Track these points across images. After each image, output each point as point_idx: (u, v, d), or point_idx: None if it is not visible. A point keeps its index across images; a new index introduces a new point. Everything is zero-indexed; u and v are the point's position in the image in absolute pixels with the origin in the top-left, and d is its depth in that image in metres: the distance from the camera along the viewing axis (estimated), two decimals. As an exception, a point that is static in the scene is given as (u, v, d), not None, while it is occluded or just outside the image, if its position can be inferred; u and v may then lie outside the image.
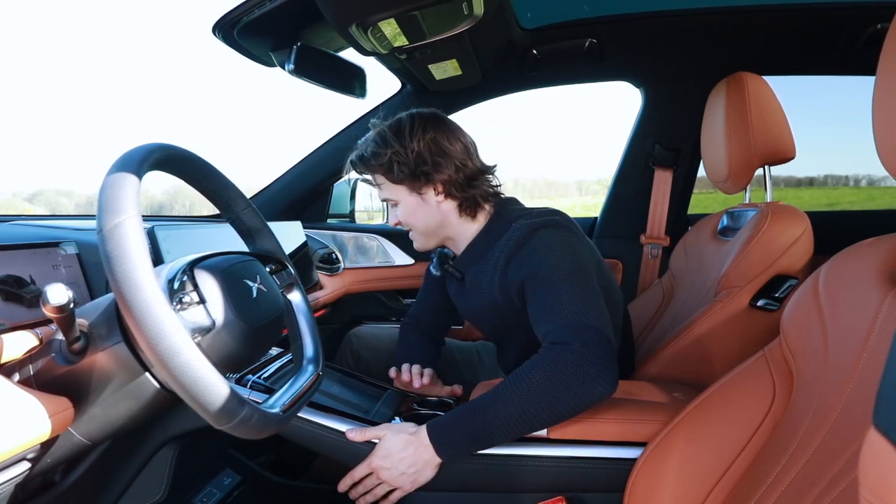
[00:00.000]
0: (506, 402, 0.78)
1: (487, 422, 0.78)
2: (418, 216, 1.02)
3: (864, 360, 0.56)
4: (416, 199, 1.00)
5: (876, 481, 0.30)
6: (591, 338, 0.79)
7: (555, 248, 0.90)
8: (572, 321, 0.82)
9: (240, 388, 0.86)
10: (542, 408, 0.77)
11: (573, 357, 0.78)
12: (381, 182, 1.02)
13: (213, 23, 1.07)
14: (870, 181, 3.58)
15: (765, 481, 0.62)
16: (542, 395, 0.77)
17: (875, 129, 0.55)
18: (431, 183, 0.98)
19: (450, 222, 1.03)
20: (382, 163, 0.98)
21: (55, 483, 0.71)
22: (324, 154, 1.63)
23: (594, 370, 0.77)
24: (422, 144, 0.96)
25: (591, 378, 0.77)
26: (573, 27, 1.33)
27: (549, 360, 0.79)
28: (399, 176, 0.98)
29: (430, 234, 1.04)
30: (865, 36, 1.28)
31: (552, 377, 0.77)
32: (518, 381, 0.78)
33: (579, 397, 0.77)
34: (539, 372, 0.78)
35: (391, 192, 1.02)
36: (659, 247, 1.57)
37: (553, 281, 0.87)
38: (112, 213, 0.46)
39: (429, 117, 1.00)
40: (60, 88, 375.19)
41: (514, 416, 0.77)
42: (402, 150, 0.96)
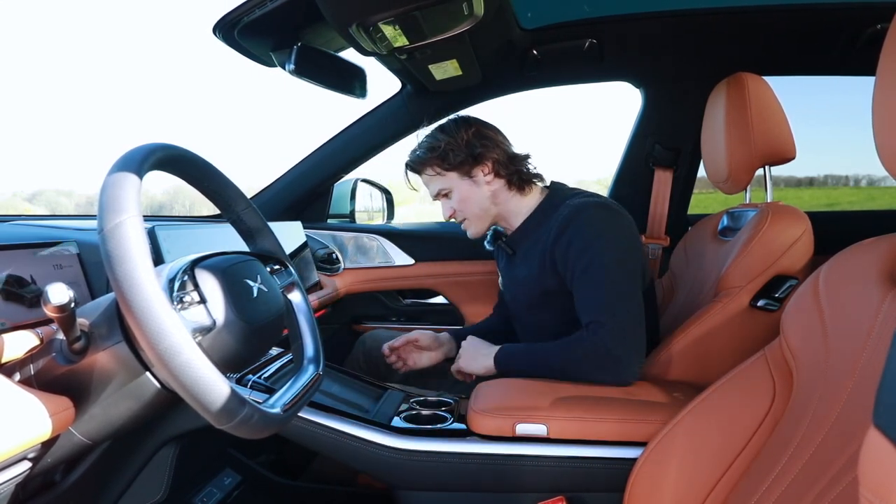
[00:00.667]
0: (552, 360, 0.96)
1: (535, 366, 0.97)
2: (472, 199, 1.12)
3: (864, 360, 0.56)
4: (468, 182, 1.11)
5: (876, 480, 0.30)
6: (626, 322, 0.91)
7: (602, 228, 0.98)
8: (611, 305, 0.93)
9: (240, 387, 0.86)
10: (579, 374, 0.93)
11: (609, 338, 0.90)
12: (435, 174, 1.12)
13: (214, 23, 1.07)
14: (870, 181, 3.58)
15: (765, 481, 0.62)
16: (579, 364, 0.93)
17: (875, 129, 0.55)
18: (481, 163, 1.09)
19: (500, 200, 1.12)
20: (438, 153, 1.09)
21: (56, 483, 0.71)
22: (324, 154, 1.63)
23: (624, 353, 0.90)
24: (469, 133, 1.10)
25: (623, 361, 0.91)
26: (573, 27, 1.33)
27: (584, 343, 0.92)
28: (453, 161, 1.09)
29: (483, 216, 1.13)
30: (865, 36, 1.28)
31: (589, 355, 0.92)
32: (565, 349, 0.95)
33: (610, 375, 0.92)
34: (577, 348, 0.93)
35: (445, 181, 1.12)
36: (659, 247, 1.57)
37: (598, 263, 0.96)
38: (113, 213, 0.46)
39: (468, 117, 1.14)
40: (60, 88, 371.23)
41: (555, 372, 0.95)
42: (453, 140, 1.09)
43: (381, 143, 1.60)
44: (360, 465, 0.89)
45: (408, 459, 0.85)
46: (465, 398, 0.98)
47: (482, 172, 1.10)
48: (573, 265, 0.98)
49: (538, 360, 0.97)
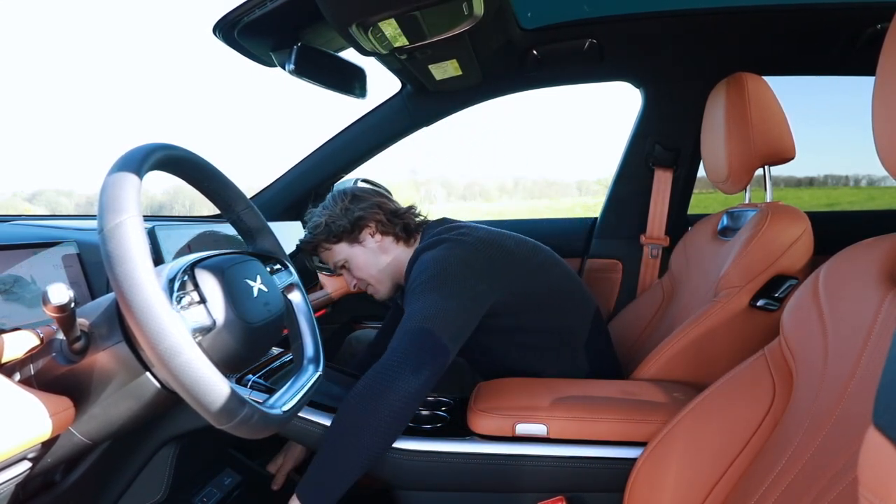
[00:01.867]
0: (340, 433, 0.78)
1: (339, 460, 0.78)
2: (366, 263, 1.13)
3: (864, 360, 0.56)
4: (358, 249, 1.13)
5: (876, 480, 0.30)
6: (410, 346, 0.82)
7: (426, 268, 0.96)
8: (400, 337, 0.85)
9: (240, 387, 0.86)
10: (366, 424, 0.77)
11: (383, 367, 0.81)
12: (326, 250, 1.14)
13: (214, 23, 1.07)
14: (870, 181, 3.58)
15: (765, 481, 0.62)
16: (359, 414, 0.77)
17: (875, 129, 0.55)
18: (365, 226, 1.12)
19: (393, 255, 1.14)
20: (321, 230, 1.12)
21: (56, 483, 0.71)
22: (324, 154, 1.63)
23: (410, 368, 0.79)
24: (346, 202, 1.13)
25: (408, 376, 0.79)
26: (573, 27, 1.33)
27: (363, 379, 0.81)
28: (337, 232, 1.11)
29: (381, 276, 1.15)
30: (865, 36, 1.28)
31: (362, 392, 0.79)
32: (340, 410, 0.80)
33: (390, 401, 0.77)
34: (354, 392, 0.80)
35: (337, 254, 1.14)
36: (659, 247, 1.57)
37: (409, 300, 0.93)
38: (113, 213, 0.46)
39: (343, 189, 1.17)
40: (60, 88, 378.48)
41: (354, 444, 0.77)
42: (332, 213, 1.12)
43: (381, 143, 1.60)
44: (359, 465, 0.89)
45: (408, 459, 0.85)
46: (464, 400, 0.98)
47: (368, 235, 1.13)
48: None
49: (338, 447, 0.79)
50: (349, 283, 1.18)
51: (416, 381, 0.79)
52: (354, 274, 1.15)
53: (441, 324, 0.86)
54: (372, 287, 1.16)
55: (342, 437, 0.78)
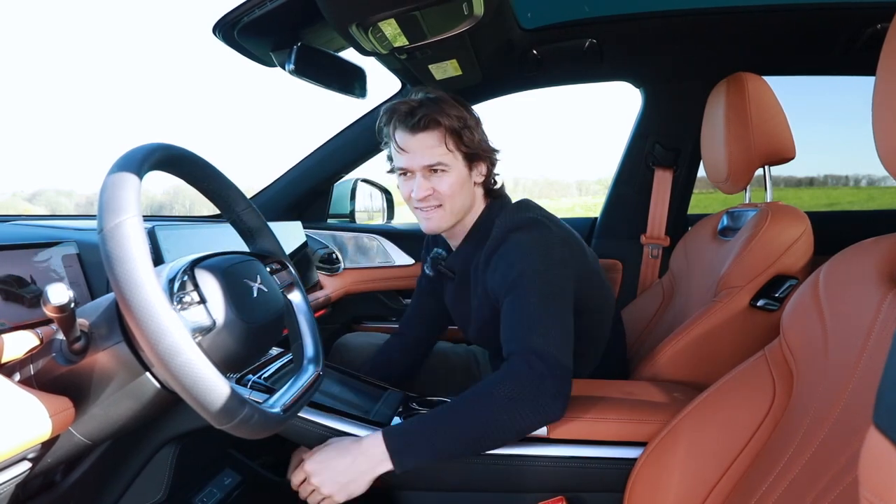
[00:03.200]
0: (464, 417, 0.78)
1: (446, 435, 0.77)
2: (463, 191, 0.98)
3: (864, 360, 0.56)
4: (467, 173, 0.98)
5: (876, 480, 0.30)
6: (550, 358, 0.80)
7: (528, 253, 0.90)
8: (533, 338, 0.81)
9: (240, 387, 0.86)
10: (499, 425, 0.77)
11: (532, 376, 0.78)
12: (449, 146, 0.95)
13: (214, 23, 1.07)
14: (870, 181, 3.58)
15: (765, 481, 0.62)
16: (499, 414, 0.77)
17: (875, 129, 0.56)
18: (485, 161, 1.00)
19: (474, 205, 1.03)
20: (466, 127, 0.95)
21: (56, 483, 0.71)
22: (324, 154, 1.63)
23: (553, 391, 0.78)
24: (479, 121, 0.99)
25: (549, 399, 0.78)
26: (573, 27, 1.33)
27: (510, 377, 0.79)
28: (469, 144, 0.96)
29: (457, 214, 1.00)
30: (865, 36, 1.28)
31: (511, 394, 0.77)
32: (478, 397, 0.79)
33: (533, 419, 0.78)
34: (500, 388, 0.78)
35: (450, 159, 0.96)
36: (659, 247, 1.58)
37: (522, 293, 0.86)
38: (113, 213, 0.46)
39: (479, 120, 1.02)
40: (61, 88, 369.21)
41: (472, 433, 0.77)
42: (475, 123, 0.97)
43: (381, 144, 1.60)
44: (360, 465, 0.89)
45: None
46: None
47: (478, 168, 1.01)
48: (501, 298, 0.90)
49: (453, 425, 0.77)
50: (421, 189, 0.97)
51: (554, 409, 0.79)
52: (440, 187, 0.96)
53: (565, 338, 0.84)
54: (440, 210, 0.99)
55: (459, 419, 0.77)
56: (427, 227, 1.01)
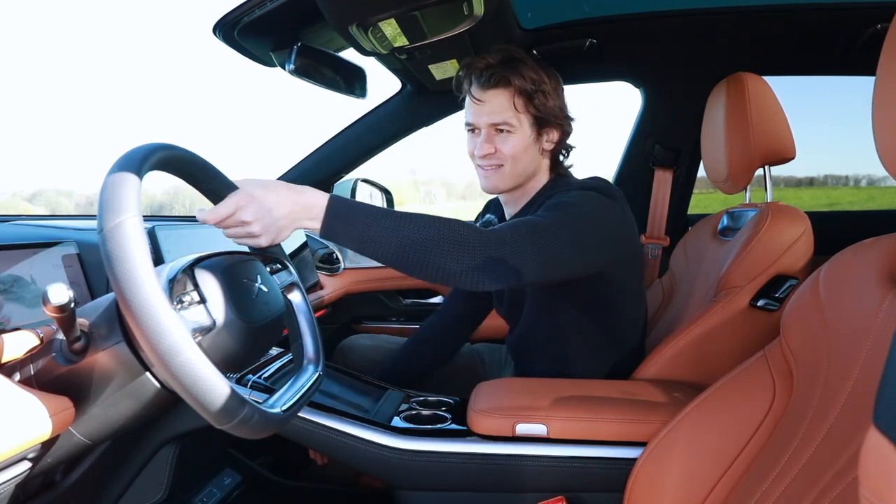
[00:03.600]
0: (410, 226, 0.74)
1: (383, 229, 0.74)
2: (527, 154, 0.97)
3: (864, 360, 0.56)
4: (534, 136, 0.97)
5: (876, 481, 0.30)
6: (518, 250, 0.77)
7: (577, 197, 0.89)
8: (522, 227, 0.80)
9: (240, 387, 0.86)
10: (433, 253, 0.74)
11: (494, 241, 0.76)
12: (517, 106, 0.95)
13: (214, 23, 1.07)
14: (870, 181, 3.58)
15: (765, 481, 0.62)
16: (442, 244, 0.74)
17: (875, 129, 0.56)
18: (557, 128, 0.98)
19: (538, 175, 1.02)
20: (539, 89, 0.94)
21: (56, 483, 0.71)
22: (324, 154, 1.63)
23: (496, 265, 0.75)
24: (560, 88, 0.98)
25: (488, 266, 0.75)
26: (573, 27, 1.33)
27: (477, 229, 0.77)
28: (540, 108, 0.95)
29: (520, 176, 0.99)
30: (865, 36, 1.28)
31: (467, 238, 0.75)
32: (437, 221, 0.76)
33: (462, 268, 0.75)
34: (464, 228, 0.76)
35: (517, 119, 0.95)
36: (659, 247, 1.57)
37: (545, 213, 0.86)
38: (113, 213, 0.46)
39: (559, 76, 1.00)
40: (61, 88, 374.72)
41: (406, 242, 0.74)
42: (548, 84, 0.95)
43: (381, 143, 1.60)
44: (360, 466, 0.89)
45: (408, 459, 0.85)
46: (464, 399, 0.98)
47: (547, 137, 0.98)
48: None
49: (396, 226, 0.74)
50: (483, 146, 0.96)
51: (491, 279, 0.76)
52: (503, 147, 0.96)
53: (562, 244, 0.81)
54: (501, 171, 0.97)
55: (405, 225, 0.74)
56: (484, 186, 1.01)
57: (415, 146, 1.73)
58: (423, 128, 1.58)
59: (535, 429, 0.84)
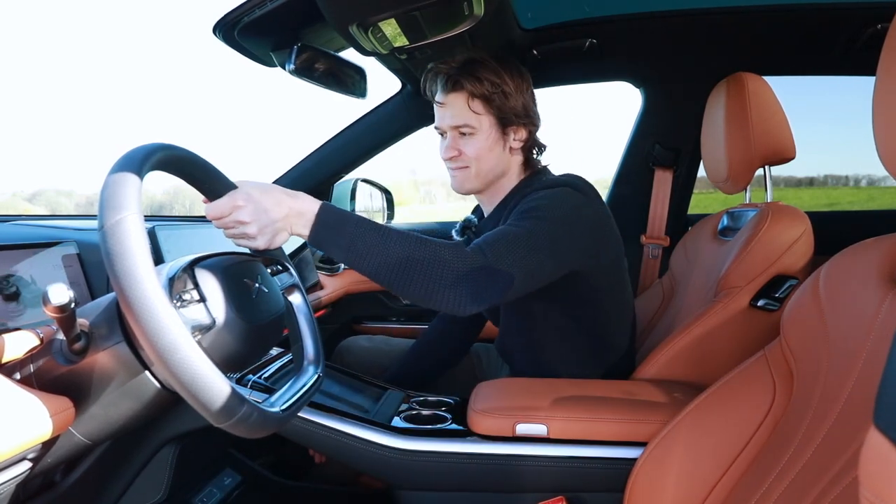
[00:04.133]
0: (395, 245, 0.75)
1: (369, 246, 0.74)
2: (491, 154, 0.99)
3: (864, 360, 0.56)
4: (497, 136, 0.98)
5: (876, 480, 0.30)
6: (496, 266, 0.78)
7: (551, 199, 0.89)
8: (499, 244, 0.80)
9: (240, 387, 0.86)
10: (415, 276, 0.75)
11: (474, 262, 0.77)
12: (474, 107, 0.96)
13: (214, 23, 1.07)
14: (870, 181, 3.58)
15: (765, 481, 0.62)
16: (426, 266, 0.75)
17: (875, 129, 0.56)
18: (523, 126, 0.99)
19: (508, 174, 1.03)
20: (496, 90, 0.95)
21: (56, 483, 0.71)
22: (324, 154, 1.63)
23: (477, 286, 0.77)
24: (528, 91, 0.99)
25: (468, 288, 0.76)
26: (573, 27, 1.33)
27: (457, 249, 0.78)
28: (501, 108, 0.96)
29: (488, 176, 1.01)
30: (865, 36, 1.28)
31: (446, 259, 0.76)
32: (421, 242, 0.76)
33: (442, 292, 0.76)
34: (444, 250, 0.77)
35: (475, 120, 0.97)
36: (659, 247, 1.57)
37: (517, 222, 0.86)
38: (113, 210, 0.46)
39: (527, 73, 1.01)
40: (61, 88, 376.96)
41: (390, 262, 0.75)
42: (511, 84, 0.96)
43: (381, 143, 1.60)
44: (360, 466, 0.89)
45: (408, 459, 0.85)
46: (464, 400, 0.98)
47: (514, 136, 0.99)
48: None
49: (383, 244, 0.75)
50: (448, 149, 1.00)
51: (472, 302, 0.77)
52: (466, 149, 0.98)
53: (538, 255, 0.82)
54: (466, 172, 1.00)
55: (392, 244, 0.75)
56: (454, 186, 1.04)
57: (415, 146, 1.72)
58: (423, 128, 1.58)
59: (535, 429, 0.84)
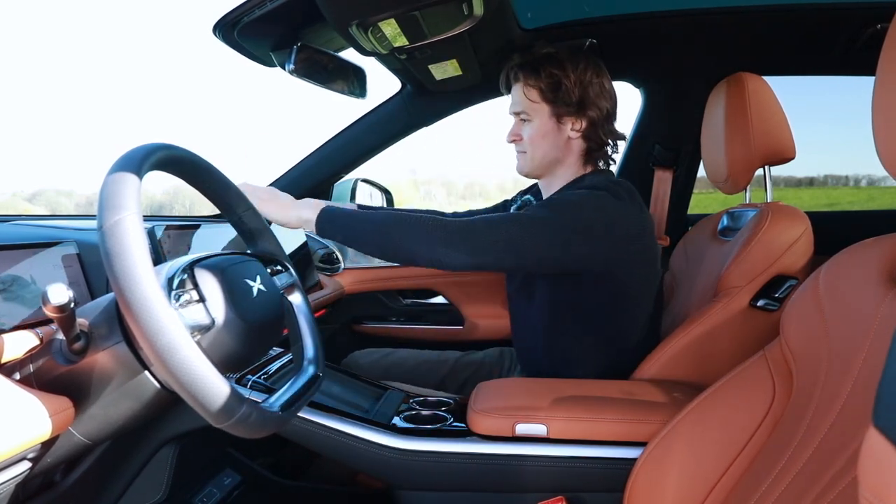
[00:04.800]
0: (379, 221, 0.90)
1: (364, 231, 0.91)
2: (545, 142, 1.04)
3: (864, 360, 0.56)
4: (553, 125, 1.04)
5: (876, 480, 0.30)
6: (474, 230, 0.87)
7: (583, 198, 0.94)
8: (493, 217, 0.90)
9: (239, 387, 0.86)
10: (401, 241, 0.88)
11: (454, 225, 0.88)
12: (530, 95, 1.03)
13: (214, 23, 1.07)
14: (870, 181, 3.58)
15: (765, 481, 0.62)
16: (400, 231, 0.88)
17: (875, 129, 0.56)
18: (579, 116, 1.03)
19: (568, 162, 1.07)
20: (551, 80, 1.01)
21: (55, 483, 0.71)
22: (324, 154, 1.63)
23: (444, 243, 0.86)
24: (590, 79, 1.02)
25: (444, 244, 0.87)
26: (573, 27, 1.33)
27: (441, 222, 0.88)
28: (555, 97, 1.01)
29: (543, 163, 1.07)
30: (865, 36, 1.28)
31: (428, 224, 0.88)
32: (400, 215, 0.91)
33: (431, 257, 0.88)
34: (429, 224, 0.88)
35: (533, 108, 1.04)
36: (659, 247, 1.57)
37: (550, 202, 0.94)
38: (112, 210, 0.46)
39: (599, 62, 1.05)
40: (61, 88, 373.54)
41: (384, 241, 0.90)
42: (572, 76, 1.01)
43: (381, 143, 1.60)
44: (359, 465, 0.89)
45: (408, 459, 0.85)
46: (463, 400, 0.98)
47: (571, 125, 1.03)
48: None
49: (373, 223, 0.90)
50: (512, 131, 1.08)
51: (457, 259, 0.87)
52: (526, 137, 1.05)
53: (521, 232, 0.88)
54: (524, 157, 1.07)
55: (382, 229, 0.90)
56: (517, 169, 1.11)
57: (415, 146, 1.73)
58: (423, 128, 1.58)
59: (535, 429, 0.84)
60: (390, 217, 0.91)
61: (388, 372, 1.27)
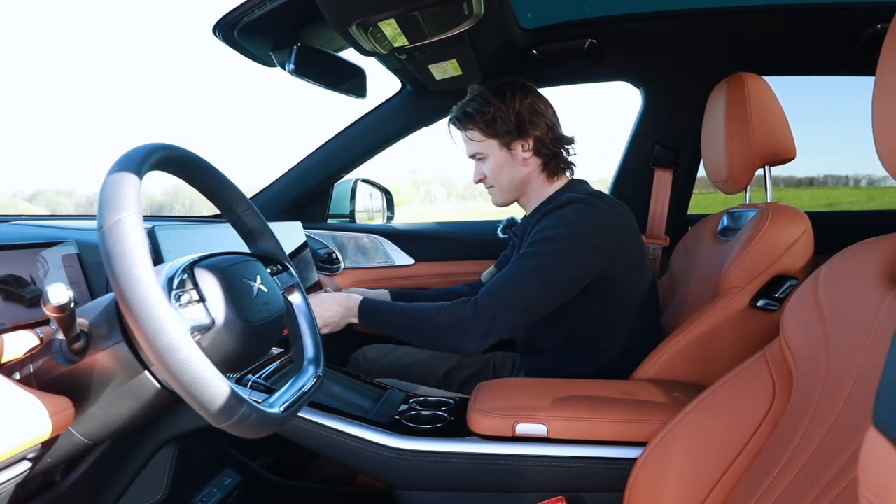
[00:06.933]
0: (410, 321, 1.01)
1: (395, 324, 1.02)
2: (504, 171, 1.12)
3: (864, 360, 0.56)
4: (505, 154, 1.11)
5: (876, 480, 0.30)
6: (491, 311, 0.94)
7: (567, 223, 0.98)
8: (494, 292, 0.96)
9: (239, 387, 0.86)
10: (428, 338, 1.00)
11: (466, 317, 0.95)
12: (475, 137, 1.12)
13: (214, 23, 1.07)
14: (870, 181, 3.59)
15: (765, 481, 0.62)
16: (430, 333, 0.99)
17: (875, 129, 0.56)
18: (524, 138, 1.09)
19: (531, 179, 1.13)
20: (484, 118, 1.09)
21: (55, 483, 0.71)
22: (324, 154, 1.63)
23: (474, 336, 0.95)
24: (523, 104, 1.09)
25: (466, 340, 0.95)
26: (573, 27, 1.33)
27: (451, 310, 0.97)
28: (497, 130, 1.09)
29: (511, 189, 1.14)
30: (865, 36, 1.28)
31: (444, 324, 0.97)
32: (424, 313, 1.00)
33: (452, 347, 0.98)
34: (439, 314, 0.98)
35: (483, 147, 1.12)
36: (659, 247, 1.57)
37: (528, 255, 0.98)
38: (112, 210, 0.46)
39: (527, 86, 1.12)
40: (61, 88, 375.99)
41: (411, 333, 1.01)
42: (504, 108, 1.08)
43: (381, 143, 1.60)
44: (359, 465, 0.89)
45: (408, 459, 0.85)
46: (465, 400, 0.98)
47: (521, 148, 1.09)
48: (523, 248, 1.01)
49: (404, 319, 1.01)
50: (475, 174, 1.16)
51: (476, 347, 0.96)
52: (488, 173, 1.13)
53: (535, 291, 0.95)
54: (494, 190, 1.15)
55: (407, 321, 1.01)
56: (494, 203, 1.19)
57: (415, 146, 1.73)
58: (423, 128, 1.58)
59: (535, 429, 0.84)
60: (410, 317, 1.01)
61: (394, 366, 1.30)
